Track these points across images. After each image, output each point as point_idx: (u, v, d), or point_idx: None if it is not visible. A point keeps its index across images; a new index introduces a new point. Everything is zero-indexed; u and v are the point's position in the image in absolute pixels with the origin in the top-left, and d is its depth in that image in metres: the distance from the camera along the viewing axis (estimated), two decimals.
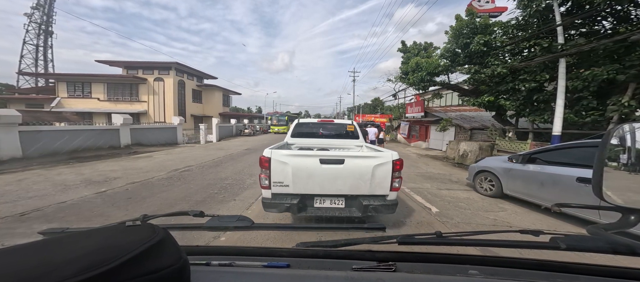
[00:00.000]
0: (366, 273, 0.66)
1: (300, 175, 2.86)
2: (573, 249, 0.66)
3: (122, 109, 23.14)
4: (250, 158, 10.29)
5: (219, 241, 2.72)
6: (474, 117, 12.85)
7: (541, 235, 0.76)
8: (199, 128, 20.92)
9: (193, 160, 9.40)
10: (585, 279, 0.66)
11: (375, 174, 2.86)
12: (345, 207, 2.96)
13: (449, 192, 5.75)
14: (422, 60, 11.42)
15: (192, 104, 28.36)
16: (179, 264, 0.48)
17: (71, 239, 0.50)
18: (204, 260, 0.72)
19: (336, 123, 5.17)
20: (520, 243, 0.74)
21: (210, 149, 13.29)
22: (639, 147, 0.73)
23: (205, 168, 7.92)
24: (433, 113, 15.32)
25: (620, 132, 0.78)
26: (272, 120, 33.84)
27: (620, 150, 0.76)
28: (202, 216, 0.89)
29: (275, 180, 2.88)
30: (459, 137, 12.13)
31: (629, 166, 0.74)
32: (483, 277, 0.65)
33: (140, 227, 0.54)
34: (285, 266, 0.70)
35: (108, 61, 24.19)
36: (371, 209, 2.84)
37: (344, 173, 2.87)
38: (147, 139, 13.67)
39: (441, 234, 0.76)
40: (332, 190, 2.91)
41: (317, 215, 2.92)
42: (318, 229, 0.99)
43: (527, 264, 0.71)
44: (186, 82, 27.18)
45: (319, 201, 2.96)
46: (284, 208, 2.88)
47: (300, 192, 2.90)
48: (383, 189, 2.89)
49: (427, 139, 16.75)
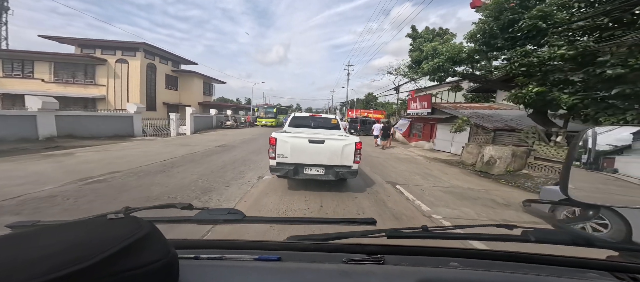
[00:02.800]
0: (356, 266, 0.68)
1: (295, 150, 4.26)
2: (541, 241, 0.75)
3: (73, 93, 19.48)
4: (218, 160, 7.68)
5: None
6: (492, 115, 10.94)
7: (514, 229, 0.81)
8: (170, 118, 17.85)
9: (131, 162, 6.65)
10: (550, 269, 0.71)
11: (344, 151, 4.31)
12: (325, 174, 4.40)
13: None
14: (441, 46, 9.20)
15: (165, 91, 24.85)
16: (167, 258, 0.45)
17: (46, 232, 0.46)
18: (193, 254, 0.70)
19: (323, 117, 6.77)
20: (495, 236, 0.81)
21: (172, 145, 10.48)
22: (598, 150, 0.83)
23: (138, 177, 5.28)
24: (442, 110, 13.29)
25: (586, 136, 0.85)
26: (259, 112, 30.69)
27: (583, 151, 0.84)
28: (191, 208, 0.87)
29: (279, 153, 4.25)
30: (476, 139, 10.14)
31: (589, 166, 0.83)
32: (463, 268, 0.69)
33: (124, 220, 0.52)
34: (276, 259, 0.70)
35: (56, 37, 20.08)
36: (341, 175, 4.35)
37: (324, 149, 4.30)
38: (86, 130, 10.59)
39: (427, 228, 0.83)
40: (316, 161, 4.33)
41: (306, 179, 4.50)
42: (309, 223, 0.98)
43: (501, 255, 0.76)
44: (158, 66, 23.60)
45: (307, 169, 4.37)
46: (284, 172, 4.29)
47: (295, 162, 4.30)
48: (349, 161, 4.35)
49: (432, 138, 14.75)
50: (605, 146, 0.84)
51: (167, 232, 0.51)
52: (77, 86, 19.94)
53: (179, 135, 18.25)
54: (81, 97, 19.67)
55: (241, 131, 20.54)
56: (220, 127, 22.44)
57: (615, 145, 0.83)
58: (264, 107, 31.83)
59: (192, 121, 19.12)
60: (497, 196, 5.53)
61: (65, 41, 20.54)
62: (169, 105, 23.95)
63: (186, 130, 19.16)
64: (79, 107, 19.32)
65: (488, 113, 11.25)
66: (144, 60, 21.69)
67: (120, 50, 20.84)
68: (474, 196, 5.40)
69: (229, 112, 27.18)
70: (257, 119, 29.90)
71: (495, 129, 9.22)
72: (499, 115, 11.20)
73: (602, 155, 0.83)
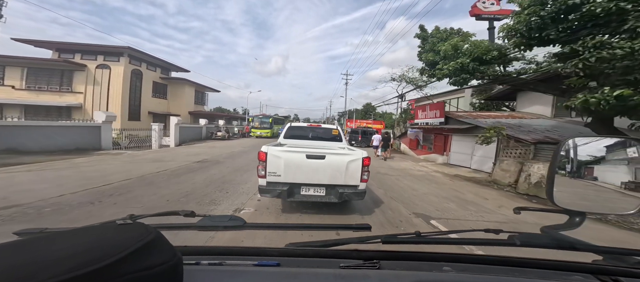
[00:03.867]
0: (353, 271, 0.68)
1: (290, 167, 3.53)
2: (526, 245, 0.77)
3: (46, 101, 17.64)
4: (188, 182, 5.82)
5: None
6: (520, 125, 9.34)
7: (501, 233, 0.85)
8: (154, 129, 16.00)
9: (42, 191, 4.66)
10: (537, 272, 0.73)
11: (348, 168, 3.57)
12: (326, 195, 3.64)
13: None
14: (464, 44, 7.69)
15: (153, 99, 23.12)
16: (173, 260, 0.46)
17: (56, 238, 0.47)
18: (194, 260, 0.70)
19: (323, 127, 6.06)
20: (483, 241, 0.86)
21: (139, 161, 8.57)
22: (579, 159, 0.88)
23: (19, 223, 3.38)
24: (459, 119, 11.68)
25: (567, 145, 0.89)
26: (254, 122, 28.88)
27: (566, 161, 0.90)
28: (193, 215, 0.89)
29: (270, 171, 3.53)
30: (508, 153, 8.45)
31: (571, 174, 0.88)
32: (455, 272, 0.71)
33: (132, 226, 0.53)
34: (275, 264, 0.71)
35: (32, 40, 18.39)
36: (345, 196, 3.58)
37: (325, 166, 3.57)
38: (35, 143, 8.67)
39: (420, 234, 0.83)
40: (315, 180, 3.59)
41: (303, 201, 3.76)
42: (308, 229, 1.04)
43: (492, 260, 0.77)
44: (144, 73, 21.99)
45: (305, 189, 3.62)
46: (276, 193, 3.52)
47: (290, 181, 3.56)
48: (355, 180, 3.60)
49: (446, 151, 13.05)
50: (585, 156, 0.89)
51: (170, 239, 0.52)
52: (51, 94, 18.10)
53: (162, 147, 16.36)
54: (55, 106, 17.81)
55: (232, 143, 18.70)
56: (210, 139, 20.63)
57: (594, 155, 0.88)
58: (259, 117, 30.08)
59: (177, 132, 17.26)
60: (596, 238, 3.73)
61: (42, 45, 18.89)
62: (156, 115, 22.14)
63: (170, 142, 17.26)
64: (52, 116, 17.42)
65: (514, 122, 9.66)
66: (129, 66, 20.07)
67: (102, 55, 19.22)
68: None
69: (221, 122, 25.40)
70: (251, 130, 28.14)
71: (535, 142, 7.53)
72: (529, 125, 9.58)
73: (583, 164, 0.88)
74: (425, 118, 14.85)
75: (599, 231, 4.34)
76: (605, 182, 0.83)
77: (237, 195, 5.17)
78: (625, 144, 0.85)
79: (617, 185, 0.80)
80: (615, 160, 0.85)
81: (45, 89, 18.08)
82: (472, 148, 11.22)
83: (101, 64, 19.12)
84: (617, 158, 0.85)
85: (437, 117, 13.27)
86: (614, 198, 0.81)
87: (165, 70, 25.23)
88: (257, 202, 4.61)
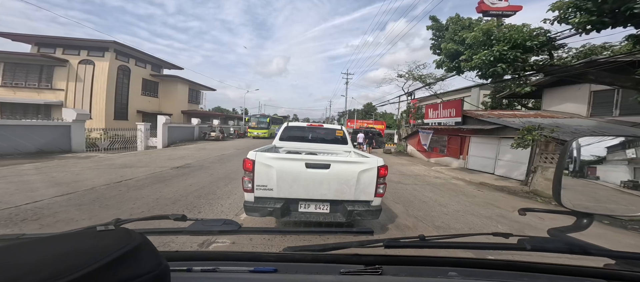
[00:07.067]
0: (354, 277, 0.66)
1: (285, 178, 2.81)
2: (536, 249, 0.73)
3: (23, 99, 16.25)
4: (151, 197, 4.37)
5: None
6: (559, 125, 7.94)
7: (510, 237, 0.80)
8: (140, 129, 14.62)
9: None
10: (546, 277, 0.70)
11: (360, 179, 2.85)
12: (330, 212, 2.92)
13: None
14: (500, 30, 6.29)
15: (142, 97, 21.72)
16: (158, 270, 0.43)
17: (31, 245, 0.43)
18: (185, 266, 0.67)
19: (326, 128, 5.25)
20: (491, 245, 0.80)
21: (105, 167, 7.14)
22: (583, 160, 0.86)
23: None
24: (480, 118, 10.27)
25: (573, 146, 0.87)
26: (250, 122, 27.50)
27: (571, 162, 0.87)
28: (185, 219, 0.85)
29: (259, 183, 2.80)
30: (548, 159, 7.03)
31: (577, 175, 0.85)
32: (461, 278, 0.68)
33: (114, 232, 0.49)
34: (272, 270, 0.68)
35: (9, 33, 16.89)
36: (355, 214, 2.84)
37: (329, 178, 2.85)
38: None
39: (424, 237, 0.80)
40: (317, 194, 2.87)
41: (301, 220, 2.95)
42: (306, 233, 0.94)
43: (499, 265, 0.74)
44: (133, 69, 20.60)
45: (304, 205, 2.92)
46: (267, 212, 2.77)
47: (285, 196, 2.84)
48: (367, 194, 2.89)
49: (463, 154, 11.63)
50: (593, 157, 0.87)
51: (161, 244, 0.52)
52: (29, 91, 16.71)
53: (148, 148, 14.97)
54: (33, 104, 16.40)
55: (225, 144, 17.28)
56: (203, 139, 19.23)
57: (598, 155, 0.86)
58: (257, 116, 28.70)
59: (165, 132, 15.85)
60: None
61: (20, 38, 17.47)
62: (146, 114, 20.74)
63: (157, 143, 15.86)
64: (30, 115, 16.04)
65: (548, 123, 8.26)
66: (115, 61, 18.67)
67: (85, 50, 17.83)
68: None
69: (216, 122, 24.01)
70: (247, 130, 26.74)
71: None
72: (567, 126, 8.17)
73: (587, 164, 0.86)
74: (438, 117, 13.43)
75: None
76: (614, 182, 0.80)
77: (217, 215, 3.80)
78: (637, 143, 0.81)
79: (627, 185, 0.78)
80: (625, 160, 0.81)
81: (23, 85, 16.67)
82: (496, 151, 9.79)
83: (84, 59, 17.72)
84: (628, 158, 0.81)
85: (452, 117, 11.85)
86: (624, 199, 0.78)
87: (157, 67, 23.84)
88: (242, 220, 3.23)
